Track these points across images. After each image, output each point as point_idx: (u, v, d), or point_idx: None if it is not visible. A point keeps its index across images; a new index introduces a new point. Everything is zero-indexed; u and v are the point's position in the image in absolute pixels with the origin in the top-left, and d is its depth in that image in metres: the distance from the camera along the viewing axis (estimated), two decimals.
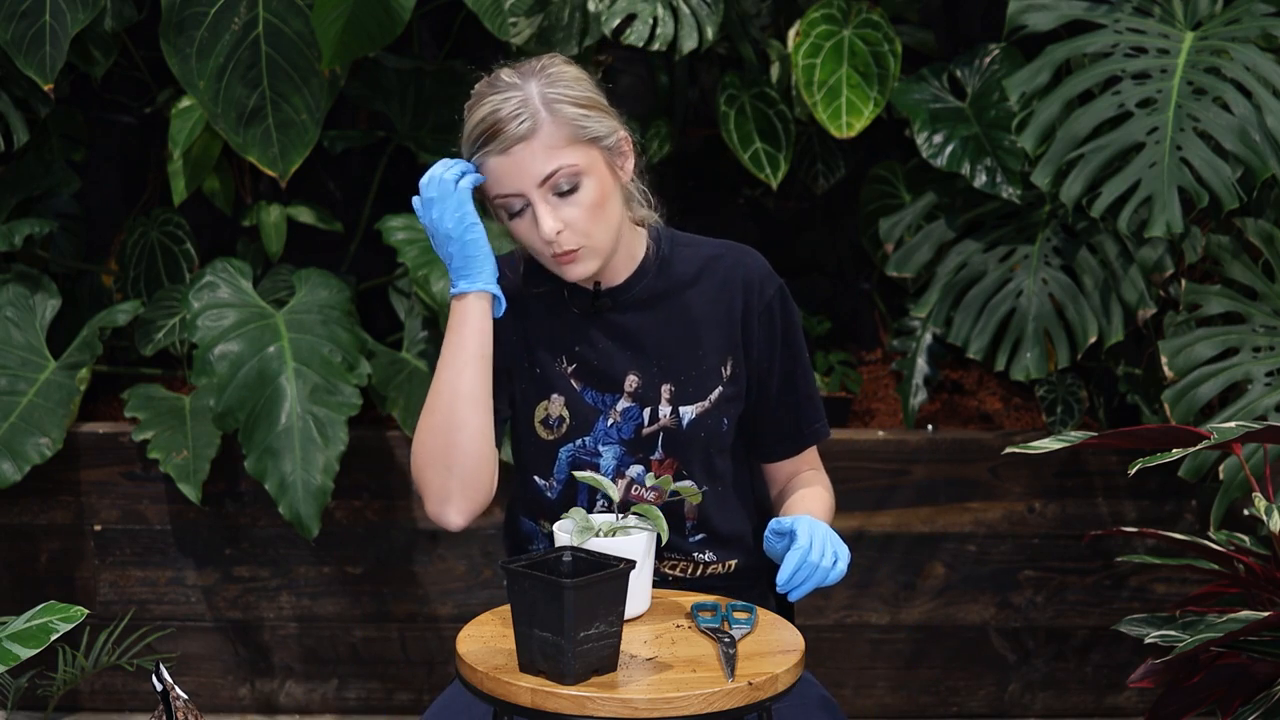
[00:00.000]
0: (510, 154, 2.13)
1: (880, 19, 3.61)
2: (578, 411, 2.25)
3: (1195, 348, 3.32)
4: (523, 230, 2.16)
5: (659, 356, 2.26)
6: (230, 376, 3.37)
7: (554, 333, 2.26)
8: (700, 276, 2.29)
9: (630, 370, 2.25)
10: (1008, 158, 3.54)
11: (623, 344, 2.26)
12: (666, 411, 2.26)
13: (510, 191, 2.14)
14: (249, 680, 3.63)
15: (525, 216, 2.15)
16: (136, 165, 4.09)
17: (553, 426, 2.26)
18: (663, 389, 2.26)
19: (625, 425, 2.26)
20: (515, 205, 2.15)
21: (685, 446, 2.27)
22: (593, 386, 2.25)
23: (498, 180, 2.15)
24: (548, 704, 1.86)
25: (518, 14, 3.48)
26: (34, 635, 2.18)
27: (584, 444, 2.26)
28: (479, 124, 2.15)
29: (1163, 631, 2.64)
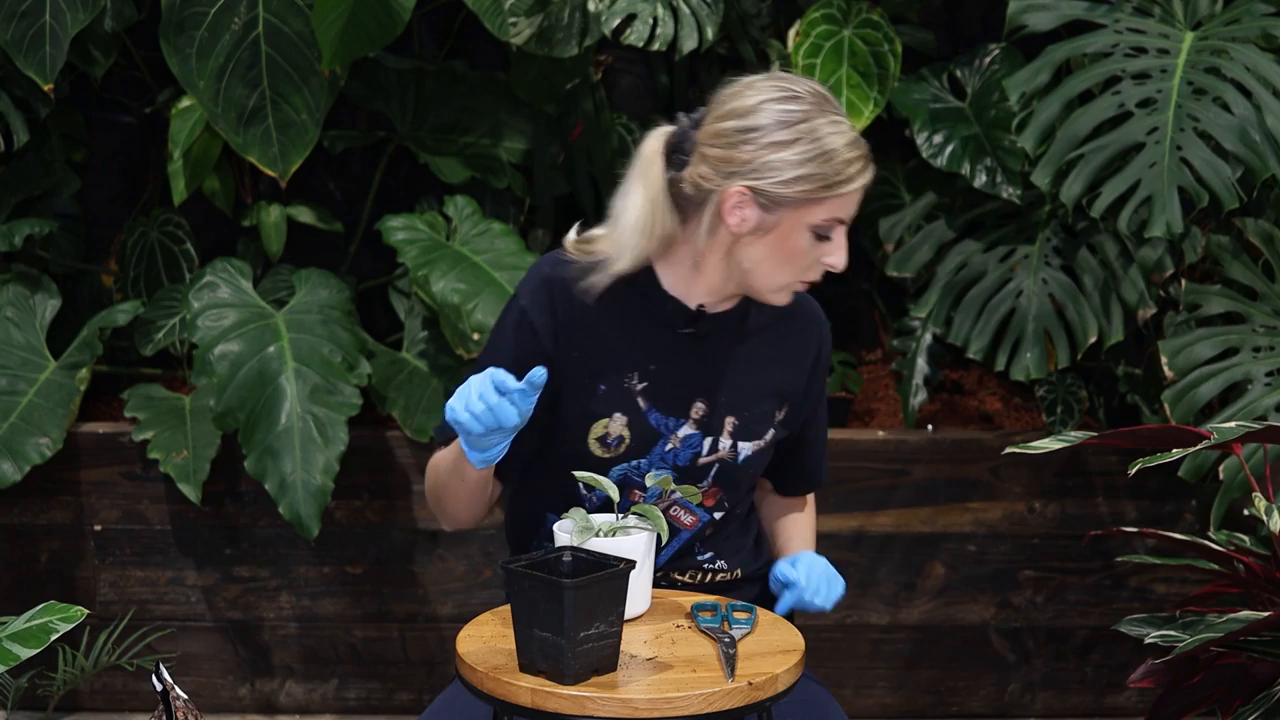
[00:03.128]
0: (865, 185, 2.15)
1: (880, 19, 3.61)
2: (640, 433, 2.23)
3: (1195, 348, 3.32)
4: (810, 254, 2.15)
5: (730, 389, 2.25)
6: (230, 376, 3.37)
7: (628, 348, 2.23)
8: (783, 318, 2.30)
9: (700, 398, 2.24)
10: (1008, 158, 3.54)
11: (699, 370, 2.24)
12: (726, 445, 2.26)
13: (843, 218, 2.15)
14: (249, 680, 3.63)
15: (820, 244, 2.15)
16: (136, 165, 4.09)
17: (610, 445, 2.23)
18: (726, 421, 2.25)
19: (683, 452, 2.25)
20: (829, 231, 2.15)
21: (736, 481, 2.29)
22: (659, 408, 2.23)
23: (845, 206, 2.14)
24: (548, 704, 1.86)
25: (518, 14, 3.48)
26: (34, 635, 2.18)
27: (638, 465, 2.24)
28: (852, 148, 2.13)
29: (1163, 631, 2.64)
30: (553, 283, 2.22)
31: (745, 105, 2.13)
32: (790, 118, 2.11)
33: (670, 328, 2.23)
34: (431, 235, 3.61)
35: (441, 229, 3.66)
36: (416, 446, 3.56)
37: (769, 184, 2.10)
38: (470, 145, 3.83)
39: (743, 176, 2.11)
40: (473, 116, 3.84)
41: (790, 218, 2.12)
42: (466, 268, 3.51)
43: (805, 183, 2.10)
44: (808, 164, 2.10)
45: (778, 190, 2.10)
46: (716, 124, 2.14)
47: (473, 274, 3.50)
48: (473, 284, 3.47)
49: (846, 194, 2.12)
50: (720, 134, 2.14)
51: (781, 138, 2.10)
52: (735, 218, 2.13)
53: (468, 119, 3.84)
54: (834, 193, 2.11)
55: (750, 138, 2.12)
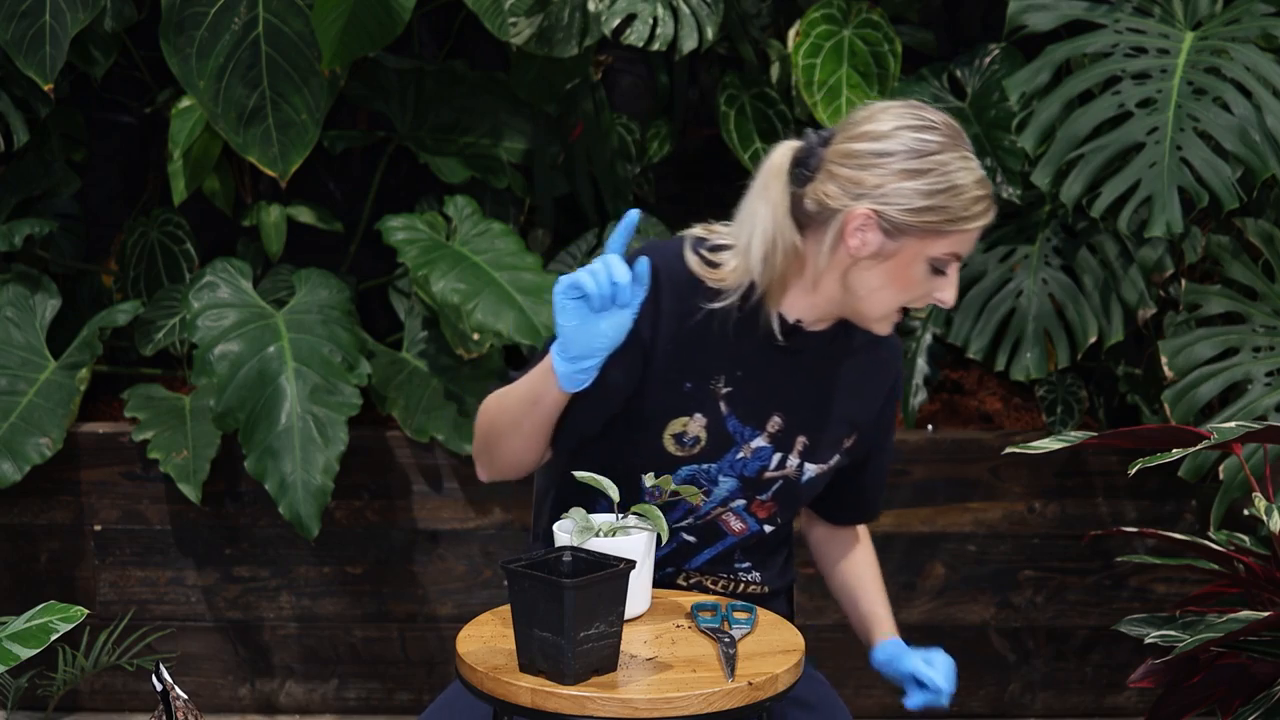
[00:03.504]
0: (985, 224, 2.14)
1: (880, 19, 3.61)
2: (716, 436, 2.22)
3: (1195, 348, 3.32)
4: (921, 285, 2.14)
5: (808, 408, 2.25)
6: (230, 376, 3.37)
7: (720, 352, 2.21)
8: (869, 347, 2.29)
9: (779, 412, 2.23)
10: (1008, 158, 3.54)
11: (784, 384, 2.23)
12: (794, 463, 2.25)
13: (963, 253, 2.14)
14: (249, 680, 3.63)
15: (934, 277, 2.15)
16: (136, 165, 4.09)
17: (685, 444, 2.22)
18: (798, 440, 2.25)
19: (752, 463, 2.24)
20: (944, 266, 2.14)
21: (793, 499, 2.29)
22: (738, 415, 2.22)
23: (966, 242, 2.13)
24: (548, 704, 1.86)
25: (518, 14, 3.48)
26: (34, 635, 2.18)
27: (707, 469, 2.23)
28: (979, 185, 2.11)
29: (1163, 631, 2.64)
30: (663, 276, 2.18)
31: (880, 129, 2.11)
32: (924, 147, 2.09)
33: (766, 338, 2.21)
34: (431, 235, 3.61)
35: (441, 229, 3.66)
36: (416, 446, 3.56)
37: (895, 211, 2.09)
38: (470, 145, 3.83)
39: (870, 199, 2.10)
40: (473, 116, 3.84)
41: (911, 247, 2.11)
42: (466, 268, 3.51)
43: (931, 214, 2.09)
44: (937, 196, 2.09)
45: (903, 218, 2.09)
46: (848, 144, 2.12)
47: (473, 274, 3.50)
48: (473, 284, 3.47)
49: (969, 231, 2.11)
50: (851, 154, 2.11)
51: (913, 166, 2.09)
52: (857, 240, 2.11)
53: (468, 119, 3.84)
54: (958, 227, 2.10)
55: (882, 162, 2.10)
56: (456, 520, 3.58)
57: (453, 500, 3.57)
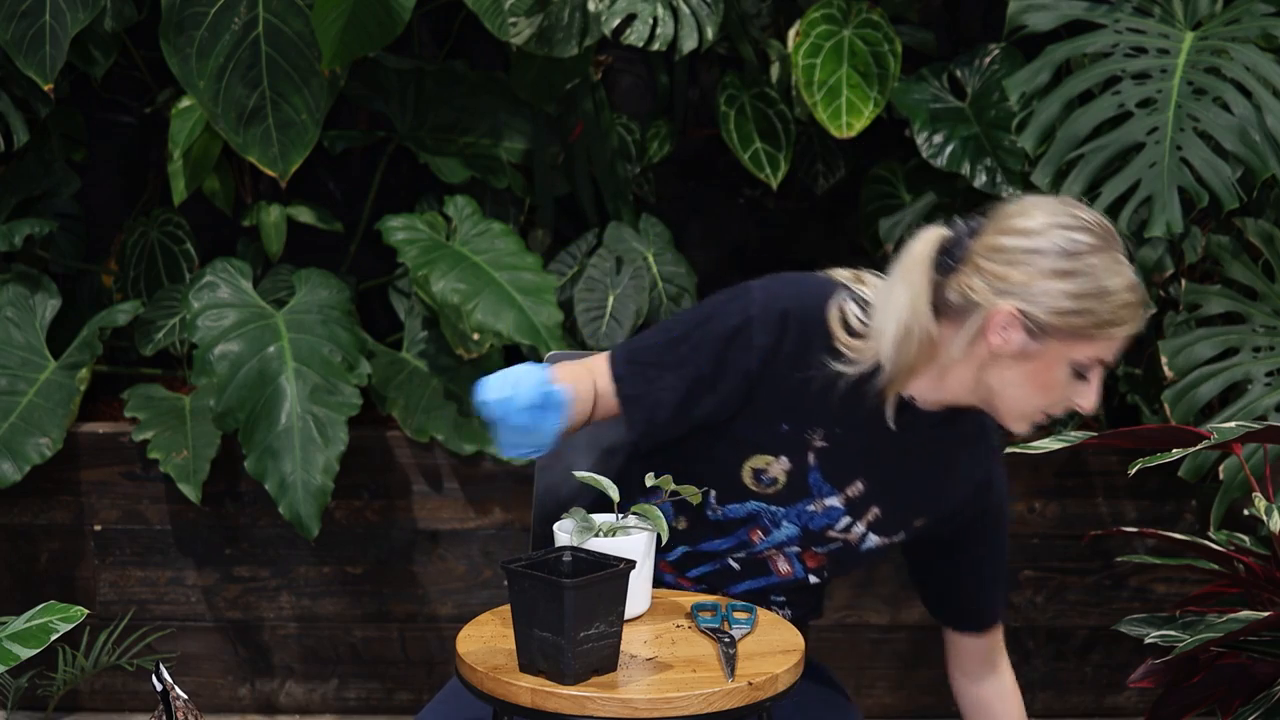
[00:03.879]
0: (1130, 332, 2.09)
1: (880, 19, 3.61)
2: (795, 485, 2.19)
3: (1195, 348, 3.32)
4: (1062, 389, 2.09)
5: (890, 481, 2.21)
6: (230, 376, 3.37)
7: (825, 406, 2.15)
8: (965, 437, 2.24)
9: (863, 478, 2.20)
10: (1008, 158, 3.54)
11: (877, 453, 2.19)
12: (860, 530, 2.22)
13: (1108, 359, 2.09)
14: (249, 680, 3.63)
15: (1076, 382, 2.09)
16: (136, 165, 4.09)
17: (763, 482, 2.19)
18: (871, 509, 2.21)
19: (819, 518, 2.21)
20: (1088, 371, 2.09)
21: (847, 562, 2.26)
22: (823, 471, 2.18)
23: (1108, 347, 2.08)
24: (548, 704, 1.86)
25: (518, 14, 3.48)
26: (34, 635, 2.18)
27: (774, 511, 2.21)
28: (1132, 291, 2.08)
29: (1163, 631, 2.64)
30: (793, 321, 2.13)
31: (1030, 225, 2.06)
32: (1075, 248, 2.05)
33: (875, 410, 2.15)
34: (431, 235, 3.61)
35: (441, 229, 3.66)
36: (416, 446, 3.56)
37: (1042, 311, 2.04)
38: (470, 145, 3.83)
39: (1016, 298, 2.04)
40: (473, 116, 3.84)
41: (1055, 349, 2.06)
42: (466, 268, 3.51)
43: (1078, 317, 2.04)
44: (1085, 299, 2.04)
45: (1049, 319, 2.04)
46: (997, 237, 2.07)
47: (473, 274, 3.50)
48: (473, 284, 3.47)
49: (1116, 337, 2.06)
50: (999, 249, 2.06)
51: (1063, 266, 2.04)
52: (999, 338, 2.06)
53: (468, 119, 3.84)
54: (1104, 333, 2.05)
55: (1031, 259, 2.05)
56: (456, 520, 3.58)
57: (453, 500, 3.57)
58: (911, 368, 2.11)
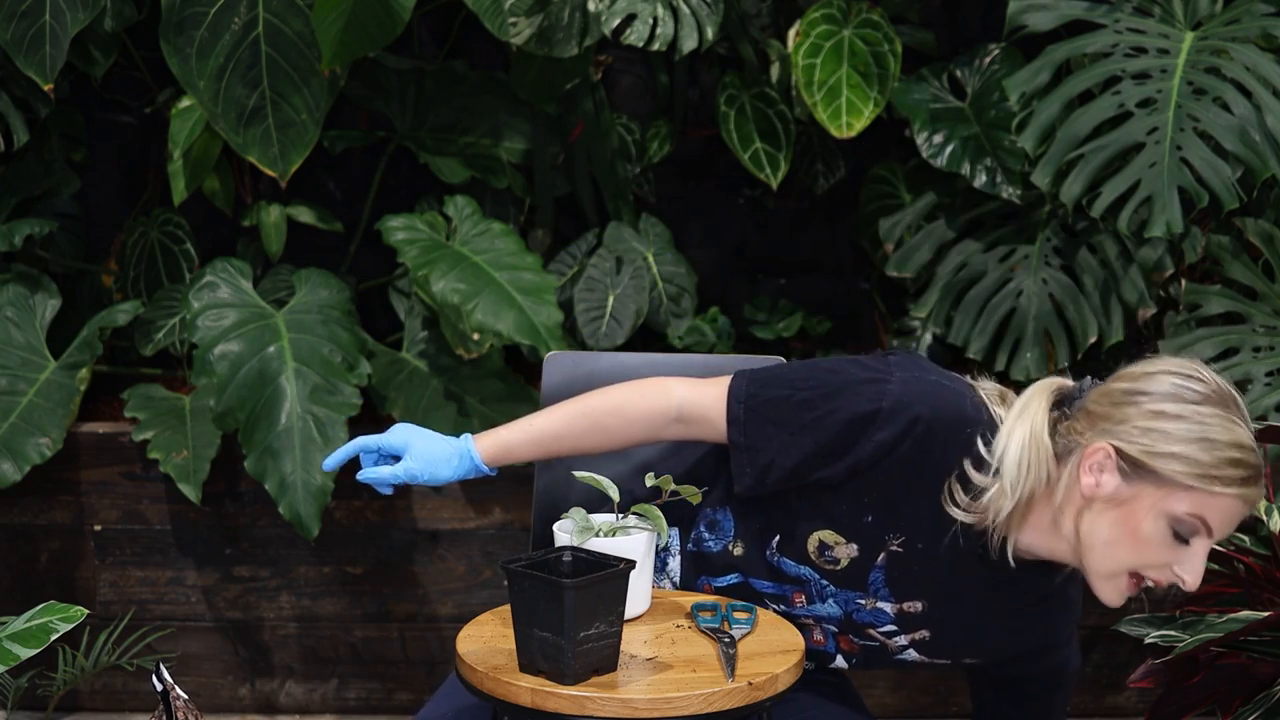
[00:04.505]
0: (1247, 507, 1.98)
1: (880, 19, 3.61)
2: (854, 574, 2.14)
3: (1195, 348, 3.32)
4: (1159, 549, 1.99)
5: (949, 615, 2.16)
6: (230, 376, 3.37)
7: (917, 521, 2.10)
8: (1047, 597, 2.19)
9: (924, 599, 2.15)
10: (1008, 158, 3.54)
11: (949, 583, 2.14)
12: (902, 642, 2.19)
13: (1211, 524, 1.98)
14: (249, 680, 3.63)
15: (1181, 545, 1.98)
16: (136, 165, 4.09)
17: (825, 557, 2.15)
18: (921, 630, 2.18)
19: (865, 614, 2.17)
20: (1187, 533, 1.98)
21: (880, 661, 2.23)
22: (887, 577, 2.14)
23: (1214, 510, 1.97)
24: (548, 704, 1.86)
25: (518, 14, 3.48)
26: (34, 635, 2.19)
27: (823, 586, 2.17)
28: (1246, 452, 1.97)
29: (1163, 631, 2.64)
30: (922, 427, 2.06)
31: (1144, 372, 2.02)
32: (1186, 395, 1.98)
33: (968, 538, 2.10)
34: (431, 235, 3.61)
35: (441, 229, 3.66)
36: None
37: (1137, 449, 1.97)
38: (470, 145, 3.83)
39: (1113, 435, 1.99)
40: (473, 116, 3.84)
41: (1149, 496, 1.97)
42: (466, 268, 3.51)
43: (1175, 462, 1.95)
44: (1186, 444, 1.96)
45: (1143, 459, 1.96)
46: (1111, 384, 2.04)
47: (473, 274, 3.50)
48: (473, 284, 3.47)
49: (1218, 495, 1.95)
50: (1108, 393, 2.02)
51: (1167, 409, 1.98)
52: (1092, 478, 2.00)
53: (468, 119, 3.84)
54: (1206, 487, 1.95)
55: (1136, 400, 2.00)
56: (456, 520, 3.58)
57: (453, 500, 3.57)
58: (1027, 509, 2.04)
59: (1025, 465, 2.03)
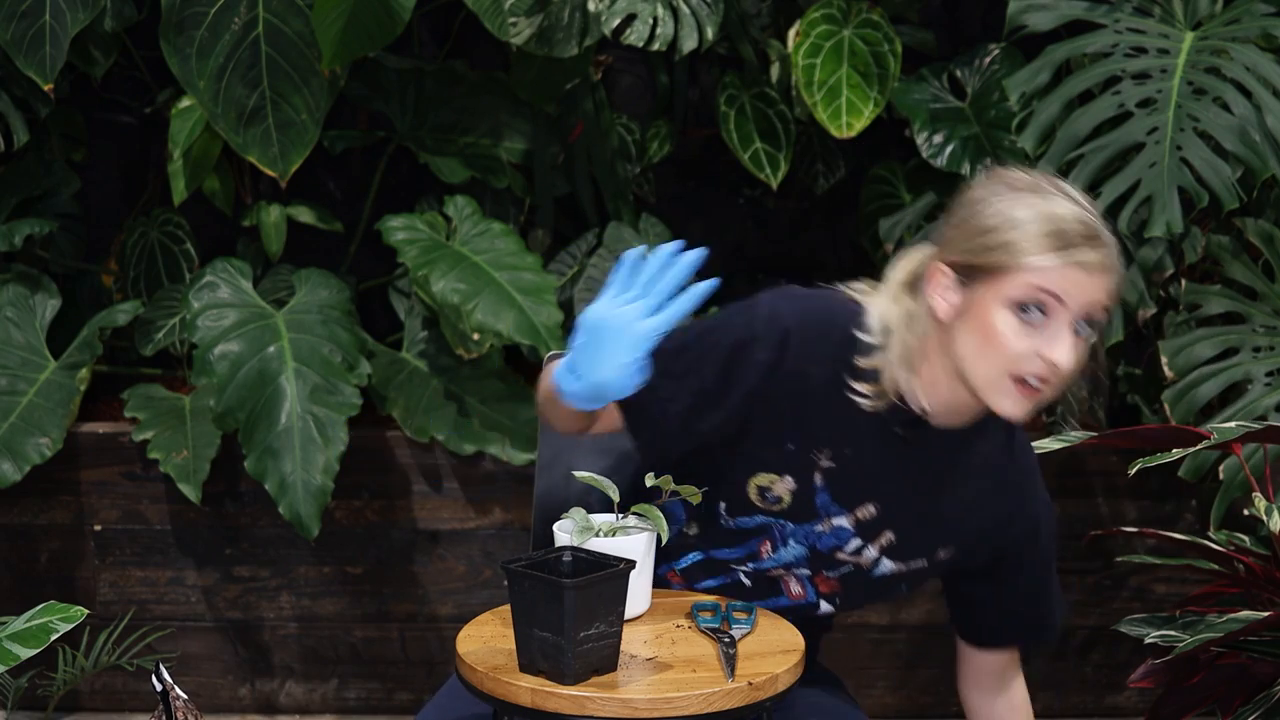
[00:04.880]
0: (1091, 271, 1.94)
1: (880, 19, 3.61)
2: (800, 504, 2.13)
3: (1195, 348, 3.32)
4: (1015, 336, 1.96)
5: (906, 507, 2.14)
6: (230, 376, 3.37)
7: (833, 426, 2.09)
8: (994, 468, 2.18)
9: (875, 501, 2.13)
10: (1008, 158, 3.54)
11: (890, 476, 2.12)
12: (871, 555, 2.17)
13: (1060, 294, 1.94)
14: (249, 680, 3.63)
15: (1034, 327, 1.95)
16: (136, 165, 4.09)
17: (768, 500, 2.14)
18: (884, 534, 2.15)
19: (827, 539, 2.15)
20: (1036, 313, 1.95)
21: (861, 588, 2.20)
22: (831, 493, 2.13)
23: (1056, 279, 1.93)
24: (548, 704, 1.86)
25: (518, 14, 3.48)
26: (34, 635, 2.18)
27: (781, 526, 2.16)
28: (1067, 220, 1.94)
29: (1163, 631, 2.64)
30: (795, 339, 2.06)
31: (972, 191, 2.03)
32: (992, 189, 1.99)
33: (882, 423, 2.08)
34: (431, 235, 3.61)
35: (441, 229, 3.66)
36: (416, 446, 3.56)
37: (959, 254, 1.98)
38: (470, 145, 3.83)
39: (941, 252, 2.01)
40: (473, 116, 3.84)
41: (987, 293, 1.96)
42: (466, 268, 3.51)
43: (993, 252, 1.95)
44: (998, 230, 1.95)
45: (968, 260, 1.97)
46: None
47: (473, 274, 3.50)
48: (473, 284, 3.47)
49: (1046, 267, 1.93)
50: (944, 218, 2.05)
51: (977, 207, 1.99)
52: (939, 300, 2.01)
53: (468, 119, 3.84)
54: (1027, 261, 1.93)
55: (959, 214, 2.01)
56: (456, 520, 3.58)
57: (453, 500, 3.57)
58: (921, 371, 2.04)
59: (896, 324, 2.05)
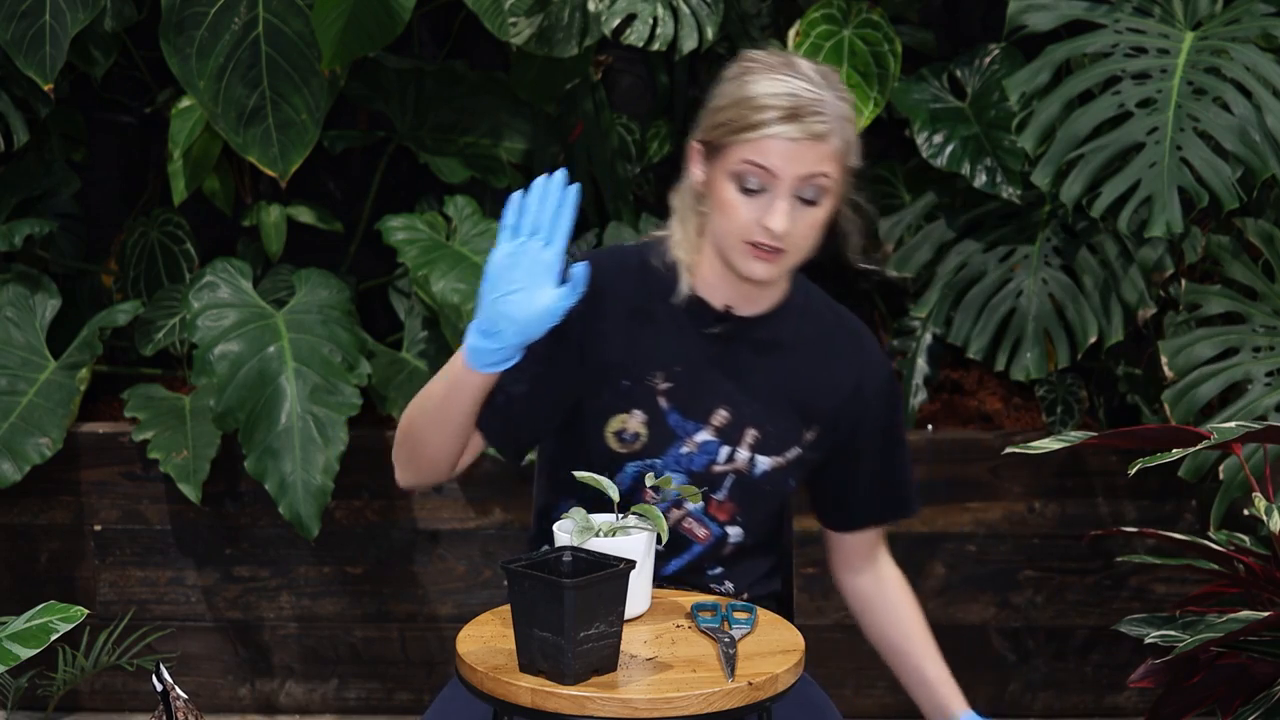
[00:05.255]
0: (796, 142, 2.08)
1: (880, 19, 3.61)
2: (657, 432, 2.20)
3: (1195, 348, 3.32)
4: (741, 208, 2.10)
5: (754, 400, 2.22)
6: (230, 376, 3.37)
7: (658, 349, 2.20)
8: (824, 341, 2.26)
9: (723, 405, 2.21)
10: (1008, 158, 3.54)
11: (727, 376, 2.21)
12: (744, 456, 2.22)
13: (767, 166, 2.08)
14: (249, 680, 3.63)
15: (756, 198, 2.10)
16: (136, 165, 4.09)
17: (627, 441, 2.21)
18: (747, 432, 2.22)
19: (699, 458, 2.21)
20: (754, 182, 2.09)
21: (751, 494, 2.25)
22: (680, 410, 2.20)
23: (761, 152, 2.08)
24: (548, 704, 1.86)
25: (518, 14, 3.48)
26: (34, 635, 2.18)
27: (652, 465, 2.21)
28: (777, 96, 2.08)
29: (1163, 631, 2.64)
30: (596, 272, 2.16)
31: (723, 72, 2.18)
32: (734, 73, 2.13)
33: (697, 329, 2.21)
34: (431, 235, 3.62)
35: (441, 229, 3.67)
36: None
37: (701, 132, 2.14)
38: (470, 145, 3.83)
39: (697, 131, 2.16)
40: (473, 116, 3.84)
41: (718, 167, 2.12)
42: (466, 268, 3.51)
43: (718, 129, 2.10)
44: (722, 109, 2.11)
45: (705, 137, 2.13)
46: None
47: (473, 274, 3.50)
48: (473, 284, 3.47)
49: (756, 139, 2.07)
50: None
51: (718, 88, 2.14)
52: (695, 174, 2.16)
53: (468, 119, 3.84)
54: (742, 136, 2.08)
55: (709, 94, 2.16)
56: (456, 520, 3.58)
57: (453, 500, 3.57)
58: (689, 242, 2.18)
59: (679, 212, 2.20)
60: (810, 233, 2.15)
